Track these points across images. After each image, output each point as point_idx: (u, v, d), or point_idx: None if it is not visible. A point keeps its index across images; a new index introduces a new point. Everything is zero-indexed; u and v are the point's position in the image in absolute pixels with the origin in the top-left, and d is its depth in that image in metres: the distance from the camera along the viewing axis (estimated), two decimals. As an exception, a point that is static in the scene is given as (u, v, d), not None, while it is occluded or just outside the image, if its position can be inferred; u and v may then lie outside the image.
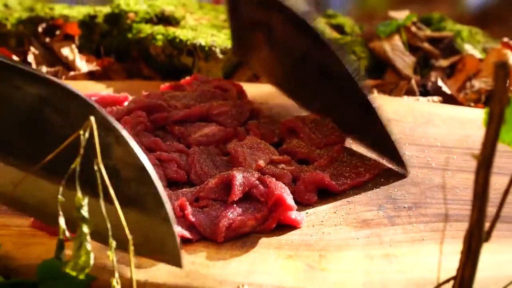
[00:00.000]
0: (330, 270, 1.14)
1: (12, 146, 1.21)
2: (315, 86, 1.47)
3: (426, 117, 1.43)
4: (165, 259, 1.17)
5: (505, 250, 1.13)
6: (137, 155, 1.16)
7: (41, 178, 1.20)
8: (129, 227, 1.08)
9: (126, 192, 1.16)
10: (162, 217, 1.15)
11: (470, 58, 1.57)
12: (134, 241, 1.07)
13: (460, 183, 1.26)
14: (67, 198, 1.09)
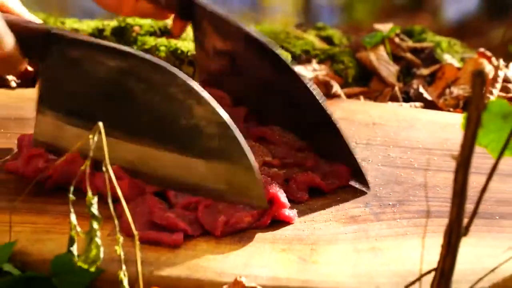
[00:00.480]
0: (321, 263, 1.13)
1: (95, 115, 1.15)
2: (281, 111, 1.46)
3: (409, 121, 1.42)
4: (251, 202, 1.24)
5: (482, 244, 1.12)
6: (219, 112, 1.23)
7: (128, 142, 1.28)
8: (214, 178, 1.24)
9: (211, 146, 1.25)
10: (246, 166, 1.23)
11: (449, 67, 1.56)
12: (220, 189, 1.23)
13: (441, 182, 1.25)
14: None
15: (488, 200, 0.97)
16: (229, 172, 1.25)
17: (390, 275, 1.10)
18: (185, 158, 1.27)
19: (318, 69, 1.57)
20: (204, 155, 1.25)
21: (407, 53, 1.63)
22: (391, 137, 1.39)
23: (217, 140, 1.25)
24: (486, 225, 1.16)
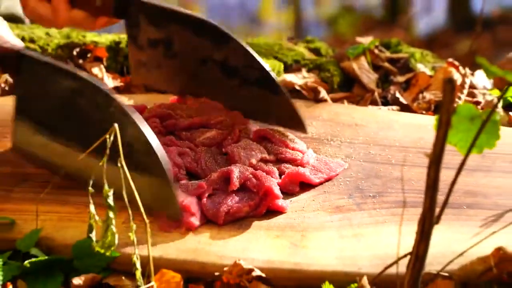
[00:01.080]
0: (310, 247, 1.14)
1: (56, 127, 1.25)
2: (219, 83, 1.45)
3: (387, 123, 1.42)
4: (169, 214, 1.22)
5: (451, 230, 1.13)
6: (143, 132, 1.22)
7: (79, 152, 1.21)
8: (143, 190, 1.12)
9: (139, 161, 1.22)
10: (165, 180, 1.20)
11: (422, 75, 1.57)
12: (146, 201, 1.10)
13: (415, 176, 1.25)
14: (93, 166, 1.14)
15: (457, 192, 0.97)
16: (153, 184, 1.24)
17: (371, 258, 1.10)
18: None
19: (307, 76, 1.57)
20: (137, 169, 1.22)
21: (385, 63, 1.63)
22: (371, 136, 1.39)
23: (143, 156, 1.25)
24: (455, 214, 1.17)
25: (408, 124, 1.43)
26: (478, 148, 0.94)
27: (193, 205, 1.21)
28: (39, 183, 1.28)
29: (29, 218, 1.18)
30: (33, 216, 1.17)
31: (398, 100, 1.53)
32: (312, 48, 1.69)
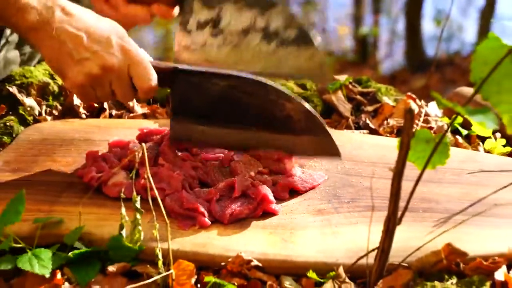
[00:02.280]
0: (297, 243, 1.13)
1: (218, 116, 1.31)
2: (257, 50, 1.43)
3: (359, 143, 1.42)
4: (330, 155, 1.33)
5: (410, 230, 1.11)
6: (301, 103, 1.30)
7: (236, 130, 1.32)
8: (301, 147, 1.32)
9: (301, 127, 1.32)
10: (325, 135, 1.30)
11: (387, 105, 1.56)
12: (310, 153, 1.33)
13: (382, 186, 1.24)
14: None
15: (414, 199, 0.95)
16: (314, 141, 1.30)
17: (346, 251, 1.09)
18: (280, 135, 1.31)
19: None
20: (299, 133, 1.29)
21: (357, 96, 1.63)
22: (346, 154, 1.37)
23: (305, 122, 1.28)
24: (413, 216, 1.16)
25: (375, 144, 1.42)
26: (432, 165, 0.93)
27: (205, 208, 1.19)
28: (81, 190, 1.26)
29: (74, 218, 1.16)
30: (76, 216, 1.15)
31: (368, 125, 1.52)
32: (299, 84, 1.68)
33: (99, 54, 1.17)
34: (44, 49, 1.18)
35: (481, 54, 0.93)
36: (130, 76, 1.22)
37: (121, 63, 1.20)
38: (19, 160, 1.36)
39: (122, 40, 1.21)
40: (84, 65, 1.17)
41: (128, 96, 1.27)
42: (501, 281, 1.00)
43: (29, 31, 1.16)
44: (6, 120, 1.50)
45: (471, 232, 1.12)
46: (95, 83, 1.20)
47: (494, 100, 0.94)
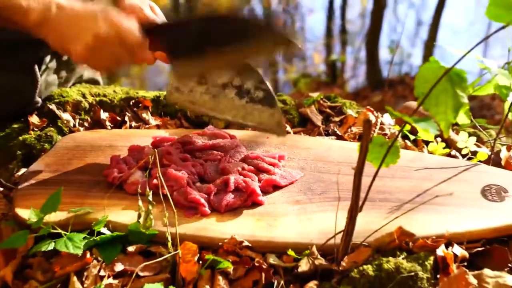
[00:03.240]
0: (279, 227, 1.12)
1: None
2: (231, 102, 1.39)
3: (328, 147, 1.41)
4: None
5: (369, 216, 1.10)
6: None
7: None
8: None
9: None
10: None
11: (350, 117, 1.55)
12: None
13: (346, 181, 1.23)
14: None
15: (372, 191, 0.95)
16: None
17: (318, 233, 1.08)
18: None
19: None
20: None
21: (327, 109, 1.62)
22: (318, 155, 1.37)
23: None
24: (372, 205, 1.15)
25: (341, 147, 1.41)
26: (386, 164, 0.92)
27: (205, 200, 1.18)
28: (106, 187, 1.25)
29: (100, 209, 1.16)
30: (103, 208, 1.15)
31: (335, 132, 1.52)
32: (281, 100, 1.68)
33: (89, 28, 1.18)
34: (50, 38, 1.20)
35: (423, 74, 0.93)
36: (120, 40, 1.21)
37: (108, 29, 1.19)
38: (57, 163, 1.35)
39: (106, 14, 1.20)
40: (80, 39, 1.18)
41: (127, 58, 1.26)
42: (441, 256, 1.00)
43: (34, 27, 1.18)
44: (47, 131, 1.50)
45: (418, 217, 1.11)
46: (94, 51, 1.20)
47: (433, 111, 0.94)
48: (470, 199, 1.18)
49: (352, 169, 0.94)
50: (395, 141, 0.93)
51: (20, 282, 1.05)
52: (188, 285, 0.99)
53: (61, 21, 1.18)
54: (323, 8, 10.16)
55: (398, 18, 9.66)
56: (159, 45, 1.30)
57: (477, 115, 3.29)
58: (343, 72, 8.35)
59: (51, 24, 1.18)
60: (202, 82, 1.39)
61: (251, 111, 1.37)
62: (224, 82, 1.38)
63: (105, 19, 1.20)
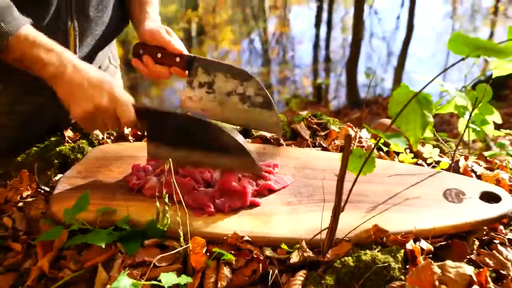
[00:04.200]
0: (273, 224, 1.11)
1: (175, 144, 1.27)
2: (235, 107, 1.40)
3: (315, 157, 1.40)
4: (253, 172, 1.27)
5: (349, 215, 1.09)
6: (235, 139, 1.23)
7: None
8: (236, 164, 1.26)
9: (232, 152, 1.25)
10: (250, 159, 1.25)
11: (333, 131, 1.55)
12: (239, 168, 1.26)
13: (330, 186, 1.21)
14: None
15: (352, 194, 0.94)
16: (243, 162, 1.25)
17: (307, 230, 1.07)
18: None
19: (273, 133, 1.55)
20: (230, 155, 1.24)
21: (314, 125, 1.61)
22: (306, 164, 1.35)
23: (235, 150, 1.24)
24: (352, 206, 1.13)
25: (326, 157, 1.39)
26: (363, 172, 0.92)
27: (211, 202, 1.17)
28: (128, 191, 1.24)
29: (123, 209, 1.15)
30: (125, 208, 1.15)
31: (321, 145, 1.51)
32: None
33: (92, 97, 1.16)
34: (59, 91, 1.18)
35: (395, 97, 0.92)
36: (115, 113, 1.20)
37: (109, 103, 1.18)
38: (87, 170, 1.34)
39: (110, 87, 1.19)
40: (82, 105, 1.17)
41: (114, 127, 1.25)
42: (410, 249, 0.99)
43: (50, 79, 1.17)
44: (79, 143, 1.49)
45: (390, 217, 1.10)
46: (90, 117, 1.18)
47: (404, 128, 0.93)
48: (434, 201, 1.17)
49: (335, 176, 0.94)
50: (371, 153, 0.92)
51: (56, 271, 1.04)
52: (197, 274, 0.98)
53: (72, 81, 1.16)
54: (310, 40, 10.22)
55: (372, 49, 9.71)
56: (144, 122, 1.29)
57: (439, 129, 3.29)
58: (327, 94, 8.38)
59: (64, 80, 1.16)
60: (210, 91, 1.39)
61: (252, 114, 1.37)
62: (229, 90, 1.38)
63: (109, 92, 1.18)
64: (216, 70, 1.38)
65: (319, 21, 11.06)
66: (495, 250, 1.05)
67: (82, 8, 1.39)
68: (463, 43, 0.88)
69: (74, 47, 1.41)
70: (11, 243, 1.15)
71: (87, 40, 1.45)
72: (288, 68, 9.21)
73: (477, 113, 1.43)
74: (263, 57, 9.73)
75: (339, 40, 10.23)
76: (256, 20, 11.39)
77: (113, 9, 1.49)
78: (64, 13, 1.36)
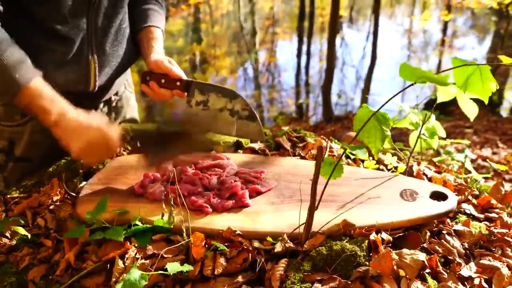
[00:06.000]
0: (260, 221, 1.10)
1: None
2: (225, 120, 1.41)
3: (294, 165, 1.38)
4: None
5: (323, 212, 1.07)
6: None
7: None
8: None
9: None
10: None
11: (310, 143, 1.54)
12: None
13: (307, 188, 1.18)
14: None
15: (325, 194, 0.94)
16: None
17: (288, 225, 1.05)
18: None
19: (260, 145, 1.53)
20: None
21: (294, 138, 1.60)
22: (287, 170, 1.34)
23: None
24: (324, 205, 1.12)
25: (304, 165, 1.38)
26: (333, 177, 0.91)
27: (208, 203, 1.16)
28: (140, 195, 1.22)
29: (135, 210, 1.13)
30: (137, 209, 1.13)
31: (300, 154, 1.49)
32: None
33: (84, 135, 1.19)
34: (59, 134, 1.19)
35: (359, 115, 0.92)
36: (105, 143, 1.22)
37: (97, 137, 1.20)
38: (106, 178, 1.33)
39: (101, 125, 1.21)
40: (76, 143, 1.19)
41: (108, 155, 1.31)
42: (373, 240, 0.98)
43: (51, 125, 1.19)
44: (101, 155, 1.47)
45: (356, 213, 1.09)
46: (85, 151, 1.20)
47: (366, 141, 0.93)
48: (392, 199, 1.16)
49: (310, 180, 0.93)
50: (339, 161, 0.92)
51: (80, 262, 1.03)
52: (198, 263, 0.97)
53: (68, 126, 1.18)
54: (293, 68, 10.26)
55: (344, 74, 9.75)
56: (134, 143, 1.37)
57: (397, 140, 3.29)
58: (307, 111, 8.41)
59: (62, 126, 1.18)
60: (205, 108, 1.40)
61: (240, 125, 1.39)
62: (221, 107, 1.39)
63: (97, 129, 1.21)
64: (210, 90, 1.39)
65: (300, 52, 11.12)
66: (443, 239, 1.05)
67: (101, 44, 1.40)
68: (410, 72, 0.89)
69: (94, 77, 1.41)
70: (43, 239, 1.14)
71: (105, 70, 1.45)
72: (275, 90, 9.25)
73: (427, 127, 1.43)
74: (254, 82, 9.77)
75: (316, 67, 10.29)
76: (249, 52, 11.43)
77: (126, 45, 1.50)
78: (85, 49, 1.36)
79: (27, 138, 1.47)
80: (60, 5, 1.25)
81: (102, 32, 1.38)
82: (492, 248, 1.05)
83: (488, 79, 0.88)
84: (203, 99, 1.40)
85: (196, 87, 1.40)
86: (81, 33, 1.33)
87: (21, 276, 1.03)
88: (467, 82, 0.89)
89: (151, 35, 1.50)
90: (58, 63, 1.30)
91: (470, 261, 0.99)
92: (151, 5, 1.57)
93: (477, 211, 1.20)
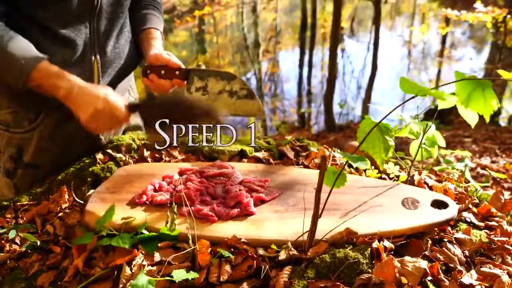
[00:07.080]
0: (264, 229, 1.10)
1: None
2: (225, 101, 1.43)
3: (297, 174, 1.38)
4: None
5: (325, 220, 1.07)
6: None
7: None
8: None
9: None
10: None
11: (313, 152, 1.54)
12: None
13: (310, 196, 1.18)
14: None
15: (328, 203, 0.94)
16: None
17: (292, 232, 1.06)
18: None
19: (264, 153, 1.54)
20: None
21: (297, 147, 1.60)
22: (291, 179, 1.34)
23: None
24: (328, 213, 1.11)
25: (307, 173, 1.38)
26: (337, 185, 0.92)
27: (214, 211, 1.16)
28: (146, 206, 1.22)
29: (141, 219, 1.14)
30: (143, 216, 1.13)
31: (303, 163, 1.50)
32: (266, 141, 1.66)
33: (92, 104, 1.26)
34: (70, 106, 1.27)
35: (362, 126, 0.93)
36: (112, 113, 1.28)
37: (104, 105, 1.26)
38: (114, 186, 1.33)
39: (105, 95, 1.27)
40: (85, 111, 1.26)
41: (115, 126, 1.34)
42: (375, 248, 0.98)
43: (62, 98, 1.27)
44: (108, 164, 1.48)
45: (359, 221, 1.09)
46: (94, 119, 1.26)
47: (370, 152, 0.94)
48: (394, 208, 1.16)
49: (314, 189, 0.93)
50: (342, 170, 0.92)
51: (88, 268, 1.03)
52: (203, 270, 0.97)
53: (78, 97, 1.26)
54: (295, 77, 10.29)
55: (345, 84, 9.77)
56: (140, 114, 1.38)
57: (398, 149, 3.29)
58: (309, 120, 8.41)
59: (72, 98, 1.26)
60: (204, 93, 1.43)
61: (240, 105, 1.41)
62: (220, 89, 1.42)
63: (104, 99, 1.27)
64: (208, 76, 1.43)
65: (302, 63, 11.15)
66: (444, 247, 1.05)
67: (102, 47, 1.45)
68: (409, 86, 0.89)
69: (98, 77, 1.47)
70: (52, 246, 1.14)
71: (108, 71, 1.50)
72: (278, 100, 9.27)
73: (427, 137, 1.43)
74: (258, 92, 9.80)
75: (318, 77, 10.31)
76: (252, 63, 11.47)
77: (128, 48, 1.56)
78: (88, 52, 1.42)
79: (35, 145, 1.49)
80: (64, 10, 1.31)
81: (104, 35, 1.45)
82: (492, 256, 1.05)
83: (490, 96, 0.88)
84: (202, 84, 1.43)
85: (195, 74, 1.44)
86: (84, 36, 1.39)
87: (30, 282, 1.03)
88: (469, 98, 0.89)
89: (150, 36, 1.57)
90: (62, 66, 1.34)
91: (471, 269, 0.99)
92: (150, 10, 1.65)
93: (477, 220, 1.20)
